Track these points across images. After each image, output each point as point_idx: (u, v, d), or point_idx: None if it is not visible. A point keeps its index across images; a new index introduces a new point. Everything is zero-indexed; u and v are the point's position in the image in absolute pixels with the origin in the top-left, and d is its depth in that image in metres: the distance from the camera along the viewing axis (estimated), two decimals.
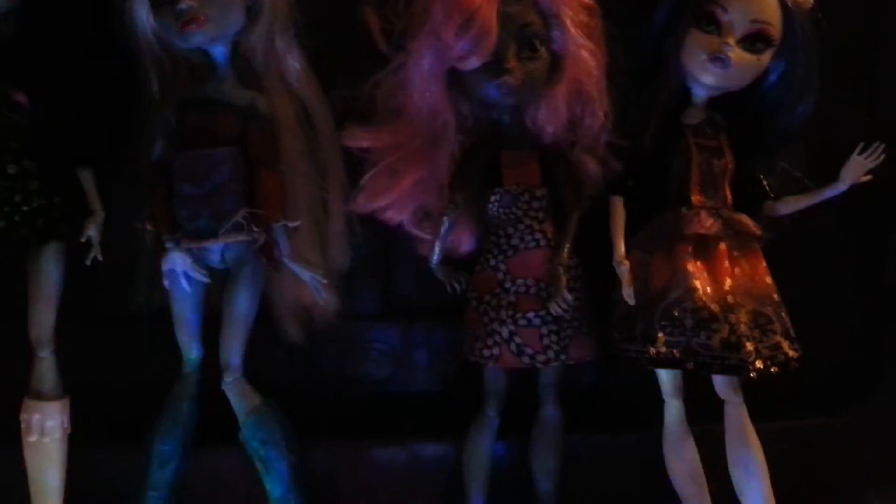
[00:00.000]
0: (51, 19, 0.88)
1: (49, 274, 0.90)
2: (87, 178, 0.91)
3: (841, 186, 0.90)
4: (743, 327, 0.85)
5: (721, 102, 0.92)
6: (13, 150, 0.86)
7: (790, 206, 0.92)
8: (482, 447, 0.95)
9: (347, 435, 1.03)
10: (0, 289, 0.92)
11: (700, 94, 0.92)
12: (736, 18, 0.87)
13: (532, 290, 0.90)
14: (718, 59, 0.87)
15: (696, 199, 0.90)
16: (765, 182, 0.93)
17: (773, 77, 0.91)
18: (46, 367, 0.91)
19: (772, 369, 0.86)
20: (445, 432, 1.00)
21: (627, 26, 0.92)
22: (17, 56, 0.88)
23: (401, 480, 1.02)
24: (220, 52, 0.89)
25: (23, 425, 0.91)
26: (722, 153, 0.91)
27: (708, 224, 0.88)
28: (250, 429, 0.91)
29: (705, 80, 0.89)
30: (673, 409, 0.93)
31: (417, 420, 1.04)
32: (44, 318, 0.90)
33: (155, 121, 0.89)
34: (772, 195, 0.93)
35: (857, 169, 0.89)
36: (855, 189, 0.90)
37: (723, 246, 0.88)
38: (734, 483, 0.90)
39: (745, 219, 0.91)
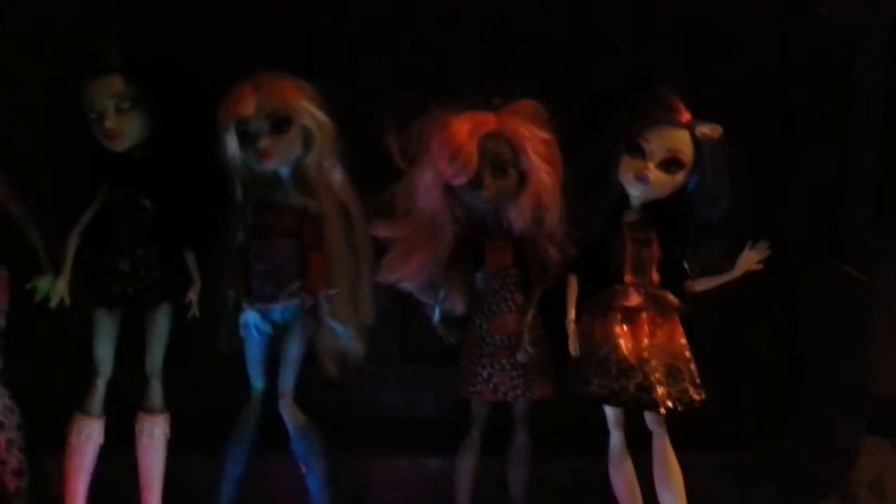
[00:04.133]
0: (170, 148, 1.06)
1: (161, 325, 1.09)
2: (190, 258, 1.07)
3: (737, 272, 1.05)
4: (657, 375, 1.01)
5: (653, 205, 1.07)
6: (140, 240, 1.06)
7: (704, 285, 1.07)
8: (467, 461, 1.11)
9: (369, 449, 1.17)
10: (125, 337, 1.10)
11: (634, 199, 1.07)
12: (655, 148, 1.03)
13: (505, 344, 1.07)
14: (640, 178, 1.04)
15: (627, 278, 1.06)
16: (686, 266, 1.07)
17: (690, 187, 1.06)
18: (155, 391, 1.11)
19: (679, 408, 1.02)
20: (444, 449, 1.13)
21: (578, 151, 1.07)
22: (146, 174, 1.06)
23: (406, 485, 1.16)
24: (284, 170, 1.05)
25: (136, 432, 1.09)
26: (650, 244, 1.07)
27: (633, 298, 1.05)
28: (298, 440, 1.08)
29: (633, 192, 1.06)
30: (615, 438, 1.07)
31: (423, 440, 1.18)
32: (156, 356, 1.10)
33: (238, 218, 1.05)
34: (691, 276, 1.07)
35: (748, 260, 1.04)
36: (749, 273, 1.05)
37: (644, 314, 1.04)
38: (658, 495, 1.05)
39: (665, 294, 1.06)
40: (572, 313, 1.05)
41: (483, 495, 1.12)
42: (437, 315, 1.11)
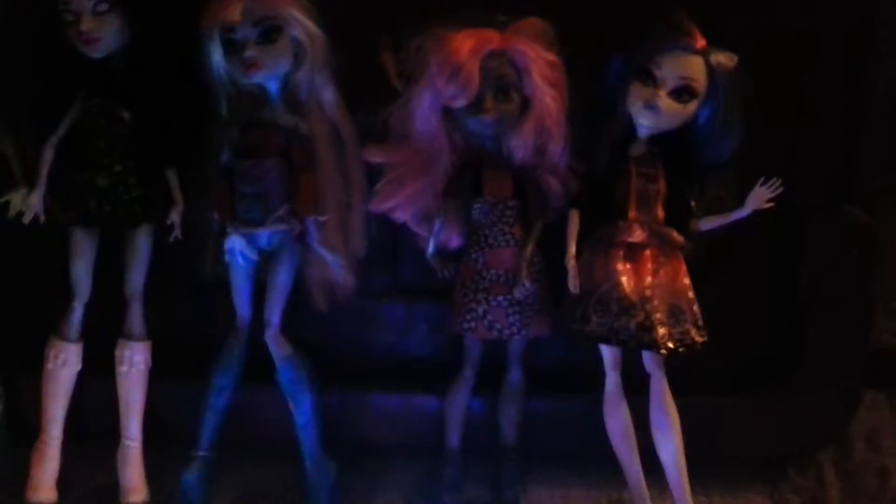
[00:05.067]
0: (150, 56, 1.00)
1: (142, 247, 1.04)
2: (172, 176, 1.02)
3: (746, 211, 0.99)
4: (658, 315, 0.96)
5: (661, 139, 1.01)
6: (118, 154, 1.00)
7: (710, 223, 1.01)
8: (459, 399, 1.07)
9: (357, 385, 1.13)
10: (105, 257, 1.06)
11: (642, 131, 1.01)
12: (667, 75, 0.96)
13: (502, 279, 1.02)
14: (651, 106, 0.97)
15: (632, 214, 1.00)
16: (692, 203, 1.02)
17: (700, 120, 1.00)
18: (136, 316, 1.06)
19: (680, 350, 0.97)
20: (434, 387, 1.10)
21: (587, 78, 1.01)
22: (124, 83, 0.99)
23: (396, 423, 1.12)
24: (273, 86, 0.99)
25: (116, 359, 1.05)
26: (657, 179, 1.01)
27: (637, 234, 0.99)
28: (284, 371, 1.04)
29: (642, 122, 1.00)
30: (612, 380, 1.02)
31: (414, 377, 1.14)
32: (136, 279, 1.05)
33: (223, 135, 1.00)
34: (696, 214, 1.02)
35: (759, 198, 0.98)
36: (758, 212, 0.99)
37: (648, 252, 0.99)
38: (654, 440, 1.00)
39: (670, 231, 1.01)
40: (573, 249, 1.00)
41: (474, 434, 1.09)
42: (431, 247, 1.06)
